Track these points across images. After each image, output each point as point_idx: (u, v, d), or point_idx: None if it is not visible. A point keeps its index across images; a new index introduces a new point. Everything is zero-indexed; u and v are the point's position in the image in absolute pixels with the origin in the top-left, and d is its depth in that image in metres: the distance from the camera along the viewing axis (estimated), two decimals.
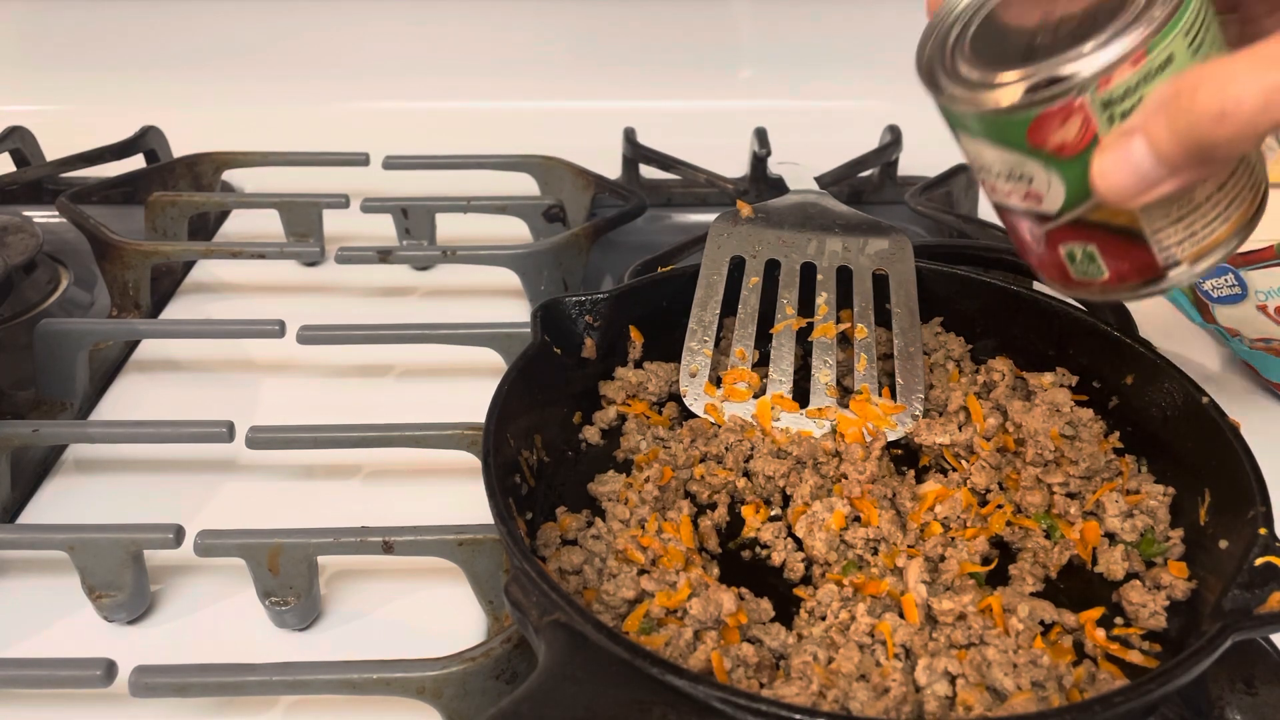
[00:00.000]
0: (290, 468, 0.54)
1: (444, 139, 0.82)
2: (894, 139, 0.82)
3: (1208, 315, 0.64)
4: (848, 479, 0.48)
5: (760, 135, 0.82)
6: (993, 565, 0.45)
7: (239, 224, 0.79)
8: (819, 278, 0.56)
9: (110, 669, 0.38)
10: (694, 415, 0.53)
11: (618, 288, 0.54)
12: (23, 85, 0.93)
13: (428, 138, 0.82)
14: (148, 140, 0.82)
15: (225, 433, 0.50)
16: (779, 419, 0.52)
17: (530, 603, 0.37)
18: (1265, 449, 0.44)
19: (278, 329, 0.57)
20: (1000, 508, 0.47)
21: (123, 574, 0.44)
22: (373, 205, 0.71)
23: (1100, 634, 0.41)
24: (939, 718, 0.37)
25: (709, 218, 0.59)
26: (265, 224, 0.74)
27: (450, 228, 0.74)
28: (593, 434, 0.53)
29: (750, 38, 0.95)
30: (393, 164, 0.78)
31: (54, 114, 0.89)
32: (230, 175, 0.82)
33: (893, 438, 0.51)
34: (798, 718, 0.32)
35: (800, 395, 0.53)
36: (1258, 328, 0.63)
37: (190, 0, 0.92)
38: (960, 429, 0.51)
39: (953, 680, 0.39)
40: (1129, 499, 0.47)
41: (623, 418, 0.53)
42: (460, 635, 0.44)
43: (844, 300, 0.56)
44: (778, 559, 0.46)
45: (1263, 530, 0.39)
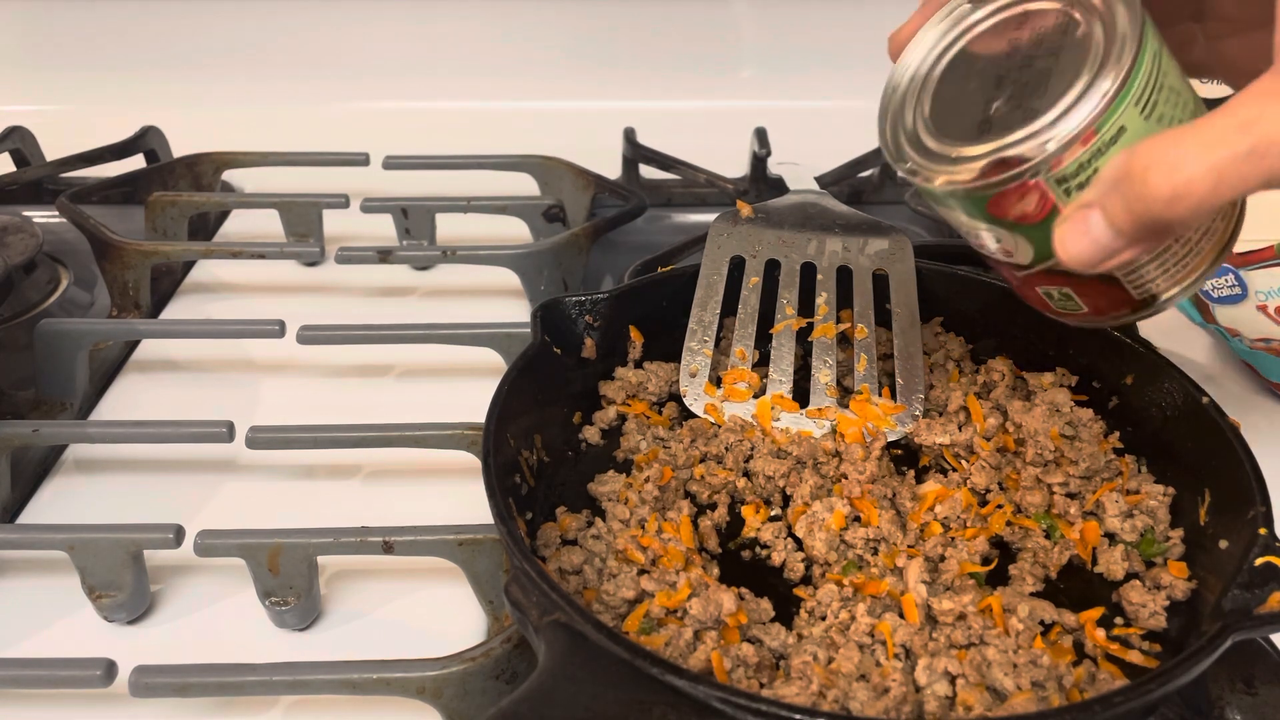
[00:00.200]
0: (290, 468, 0.54)
1: (444, 139, 0.82)
2: None
3: (1208, 315, 0.64)
4: (848, 479, 0.48)
5: (760, 135, 0.82)
6: (993, 565, 0.45)
7: (239, 224, 0.79)
8: (819, 278, 0.56)
9: (110, 669, 0.38)
10: (694, 415, 0.53)
11: (618, 288, 0.54)
12: (23, 85, 0.93)
13: (428, 138, 0.82)
14: (148, 140, 0.82)
15: (225, 433, 0.50)
16: (779, 419, 0.52)
17: (530, 603, 0.37)
18: (1265, 449, 0.44)
19: (278, 329, 0.57)
20: (1000, 508, 0.47)
21: (123, 574, 0.44)
22: (373, 205, 0.71)
23: (1100, 634, 0.41)
24: (939, 718, 0.37)
25: (709, 218, 0.59)
26: (265, 224, 0.74)
27: (450, 228, 0.74)
28: (593, 434, 0.53)
29: (750, 38, 0.95)
30: (393, 164, 0.78)
31: (54, 114, 0.90)
32: (230, 175, 0.82)
33: (893, 438, 0.51)
34: (798, 718, 0.32)
35: (800, 395, 0.53)
36: (1258, 328, 0.63)
37: (190, 0, 0.92)
38: (960, 429, 0.51)
39: (953, 680, 0.39)
40: (1129, 499, 0.47)
41: (623, 418, 0.53)
42: (460, 635, 0.44)
43: (844, 300, 0.56)
44: (778, 559, 0.46)
45: (1263, 530, 0.39)
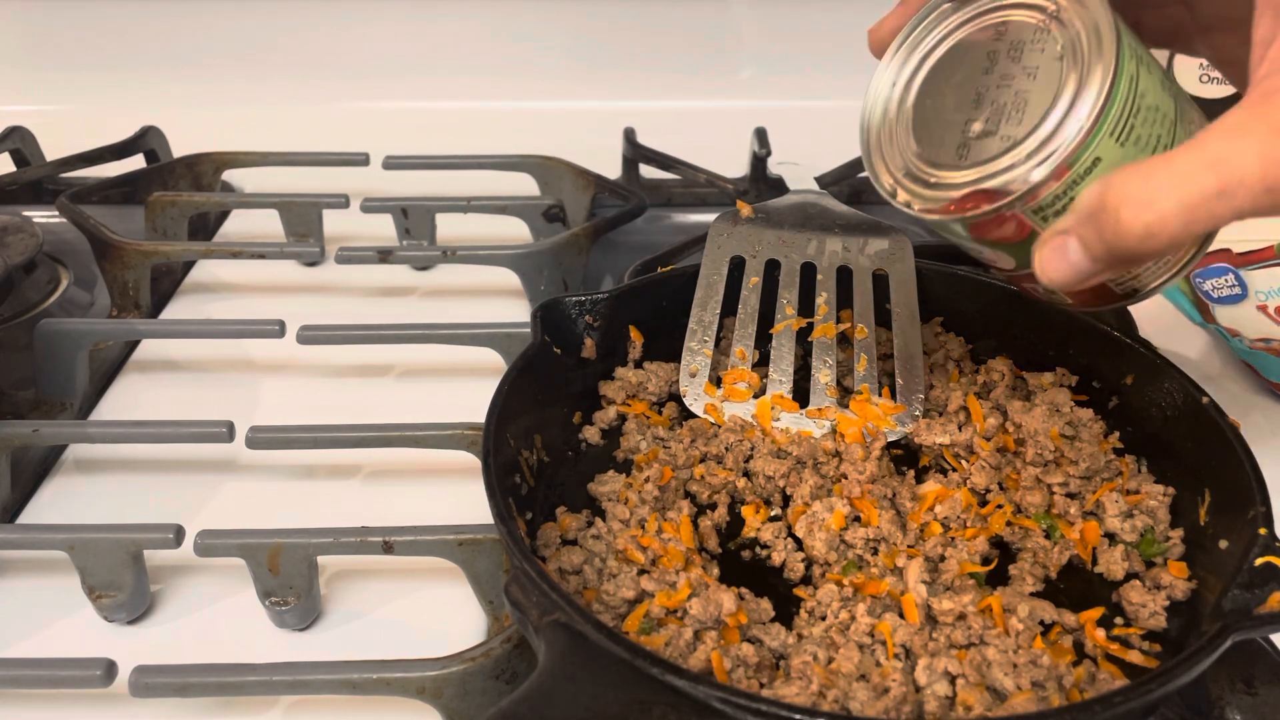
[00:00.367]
0: (290, 468, 0.54)
1: (444, 139, 0.82)
2: None
3: (1208, 315, 0.64)
4: (848, 479, 0.48)
5: (760, 135, 0.82)
6: (993, 565, 0.45)
7: (239, 224, 0.79)
8: (819, 278, 0.56)
9: (110, 669, 0.38)
10: (694, 415, 0.53)
11: (618, 288, 0.54)
12: (23, 85, 0.93)
13: (428, 138, 0.82)
14: (148, 140, 0.82)
15: (225, 433, 0.50)
16: (779, 419, 0.52)
17: (530, 603, 0.37)
18: (1265, 449, 0.44)
19: (278, 329, 0.57)
20: (1000, 508, 0.47)
21: (123, 574, 0.44)
22: (373, 205, 0.71)
23: (1100, 634, 0.41)
24: (939, 718, 0.37)
25: (709, 218, 0.59)
26: (265, 224, 0.74)
27: (450, 228, 0.74)
28: (593, 434, 0.53)
29: (750, 38, 0.95)
30: (393, 164, 0.78)
31: (54, 114, 0.90)
32: (230, 175, 0.82)
33: (893, 438, 0.51)
34: (798, 718, 0.32)
35: (800, 395, 0.53)
36: (1258, 328, 0.63)
37: (190, 0, 0.92)
38: (960, 429, 0.51)
39: (953, 680, 0.38)
40: (1129, 499, 0.47)
41: (623, 418, 0.53)
42: (460, 635, 0.44)
43: (844, 300, 0.56)
44: (778, 559, 0.46)
45: (1263, 530, 0.39)
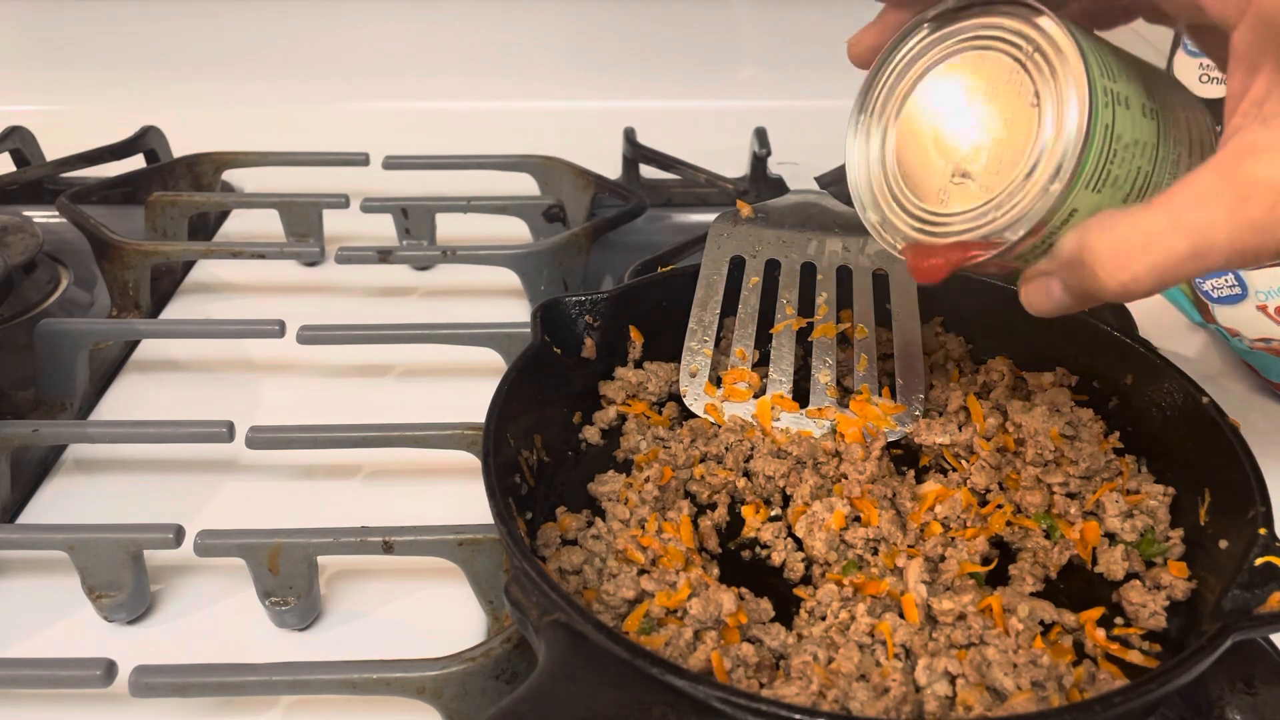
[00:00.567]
0: (290, 468, 0.54)
1: (444, 139, 0.82)
2: None
3: (1208, 315, 0.64)
4: (848, 479, 0.48)
5: (760, 135, 0.82)
6: (993, 565, 0.45)
7: (239, 224, 0.79)
8: (819, 278, 0.56)
9: (110, 669, 0.38)
10: (694, 415, 0.53)
11: (618, 288, 0.54)
12: (23, 85, 0.93)
13: (428, 138, 0.82)
14: (148, 140, 0.82)
15: (225, 433, 0.50)
16: (779, 419, 0.52)
17: (530, 603, 0.37)
18: (1265, 449, 0.44)
19: (278, 329, 0.57)
20: (1000, 508, 0.47)
21: (123, 574, 0.44)
22: (373, 205, 0.71)
23: (1100, 634, 0.41)
24: (939, 718, 0.37)
25: (709, 218, 0.59)
26: (265, 224, 0.74)
27: (450, 228, 0.74)
28: (593, 434, 0.53)
29: (750, 38, 0.95)
30: (393, 164, 0.78)
31: (54, 114, 0.89)
32: (230, 175, 0.82)
33: (893, 438, 0.51)
34: (798, 718, 0.32)
35: (800, 395, 0.53)
36: (1258, 328, 0.63)
37: (190, 0, 0.92)
38: (960, 429, 0.51)
39: (953, 680, 0.38)
40: (1129, 499, 0.47)
41: (623, 418, 0.53)
42: (460, 635, 0.44)
43: (844, 300, 0.56)
44: (778, 559, 0.46)
45: (1263, 530, 0.39)
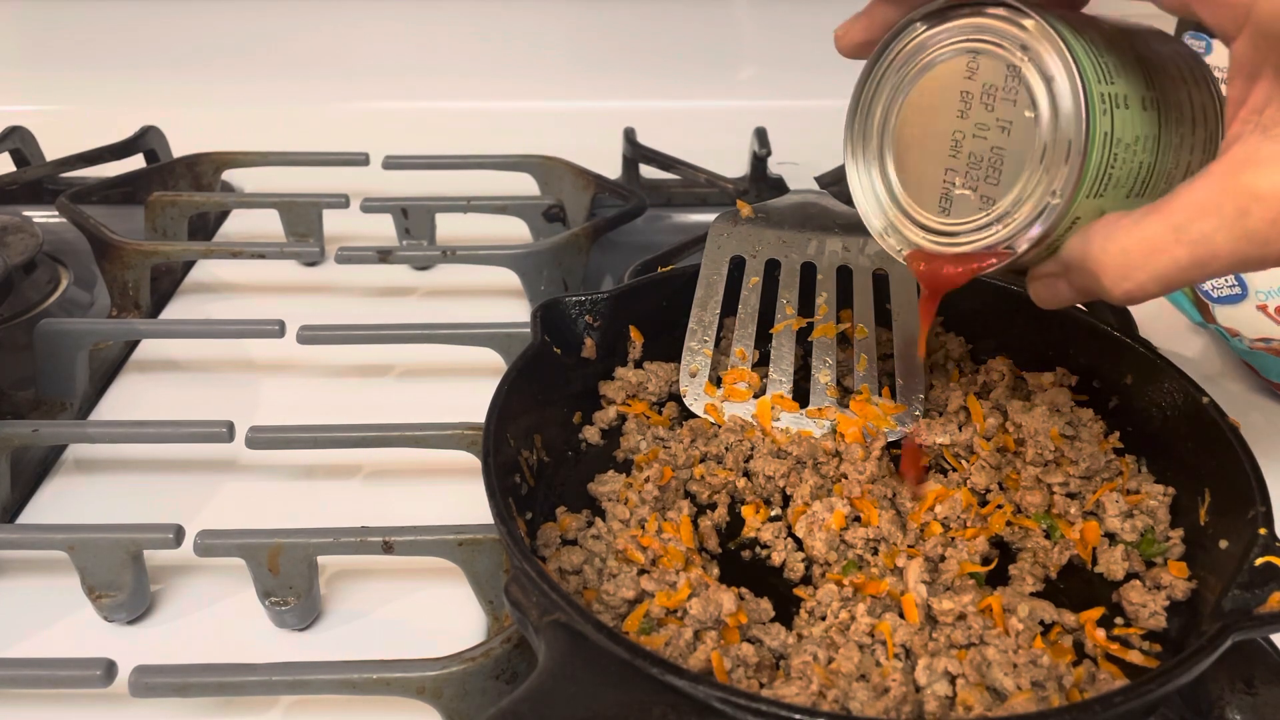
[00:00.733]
0: (290, 468, 0.54)
1: (444, 139, 0.82)
2: None
3: (1208, 315, 0.64)
4: (848, 479, 0.48)
5: (760, 135, 0.82)
6: (993, 565, 0.45)
7: (239, 224, 0.79)
8: (819, 277, 0.56)
9: (110, 669, 0.38)
10: (694, 415, 0.53)
11: (618, 288, 0.54)
12: (23, 85, 0.93)
13: (428, 138, 0.82)
14: (148, 140, 0.82)
15: (225, 433, 0.50)
16: (779, 419, 0.52)
17: (530, 603, 0.37)
18: (1265, 449, 0.44)
19: (278, 329, 0.57)
20: (1000, 508, 0.47)
21: (123, 574, 0.44)
22: (373, 205, 0.71)
23: (1100, 634, 0.41)
24: (939, 718, 0.37)
25: (709, 218, 0.59)
26: (265, 224, 0.74)
27: (450, 228, 0.74)
28: (593, 434, 0.53)
29: (750, 38, 0.95)
30: (393, 164, 0.78)
31: (54, 114, 0.89)
32: (230, 175, 0.82)
33: (893, 438, 0.51)
34: (798, 718, 0.32)
35: (800, 395, 0.53)
36: (1258, 328, 0.63)
37: (190, 0, 0.92)
38: (960, 429, 0.51)
39: (953, 680, 0.38)
40: (1129, 499, 0.47)
41: (623, 418, 0.53)
42: (460, 635, 0.44)
43: (844, 300, 0.56)
44: (778, 559, 0.46)
45: (1263, 530, 0.39)
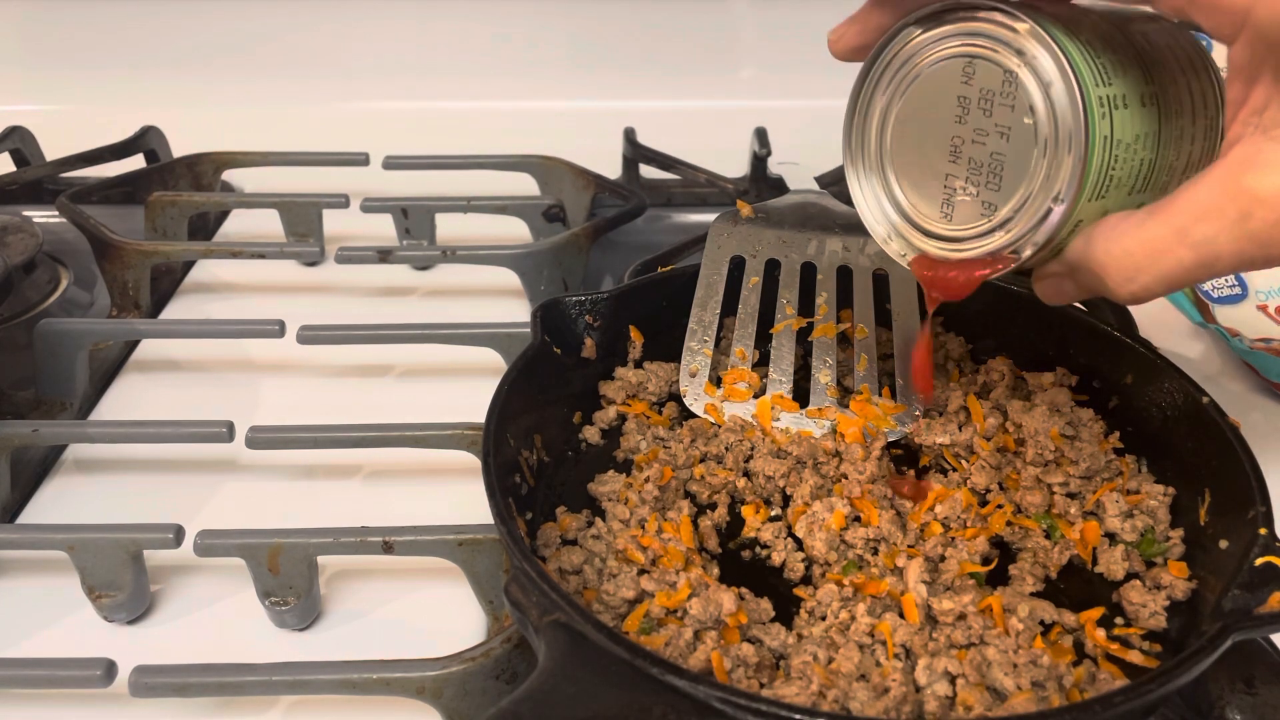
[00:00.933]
0: (290, 468, 0.54)
1: (444, 139, 0.82)
2: None
3: (1208, 315, 0.64)
4: (848, 479, 0.48)
5: (760, 135, 0.82)
6: (993, 565, 0.45)
7: (239, 224, 0.79)
8: (819, 277, 0.56)
9: (110, 669, 0.38)
10: (694, 415, 0.53)
11: (618, 288, 0.54)
12: (23, 85, 0.93)
13: (428, 138, 0.82)
14: (148, 140, 0.82)
15: (225, 433, 0.50)
16: (779, 419, 0.52)
17: (530, 603, 0.37)
18: (1265, 449, 0.44)
19: (278, 329, 0.57)
20: (1000, 508, 0.47)
21: (123, 574, 0.44)
22: (373, 205, 0.71)
23: (1100, 634, 0.41)
24: (939, 718, 0.37)
25: (709, 218, 0.59)
26: (265, 224, 0.74)
27: (450, 228, 0.74)
28: (593, 434, 0.53)
29: (750, 38, 0.95)
30: (393, 164, 0.78)
31: (54, 114, 0.89)
32: (230, 175, 0.82)
33: (893, 438, 0.51)
34: (798, 718, 0.32)
35: (800, 395, 0.53)
36: (1258, 328, 0.63)
37: (190, 0, 0.92)
38: (960, 429, 0.51)
39: (953, 680, 0.38)
40: (1129, 499, 0.47)
41: (623, 418, 0.53)
42: (460, 635, 0.44)
43: (844, 300, 0.56)
44: (778, 559, 0.46)
45: (1263, 530, 0.39)
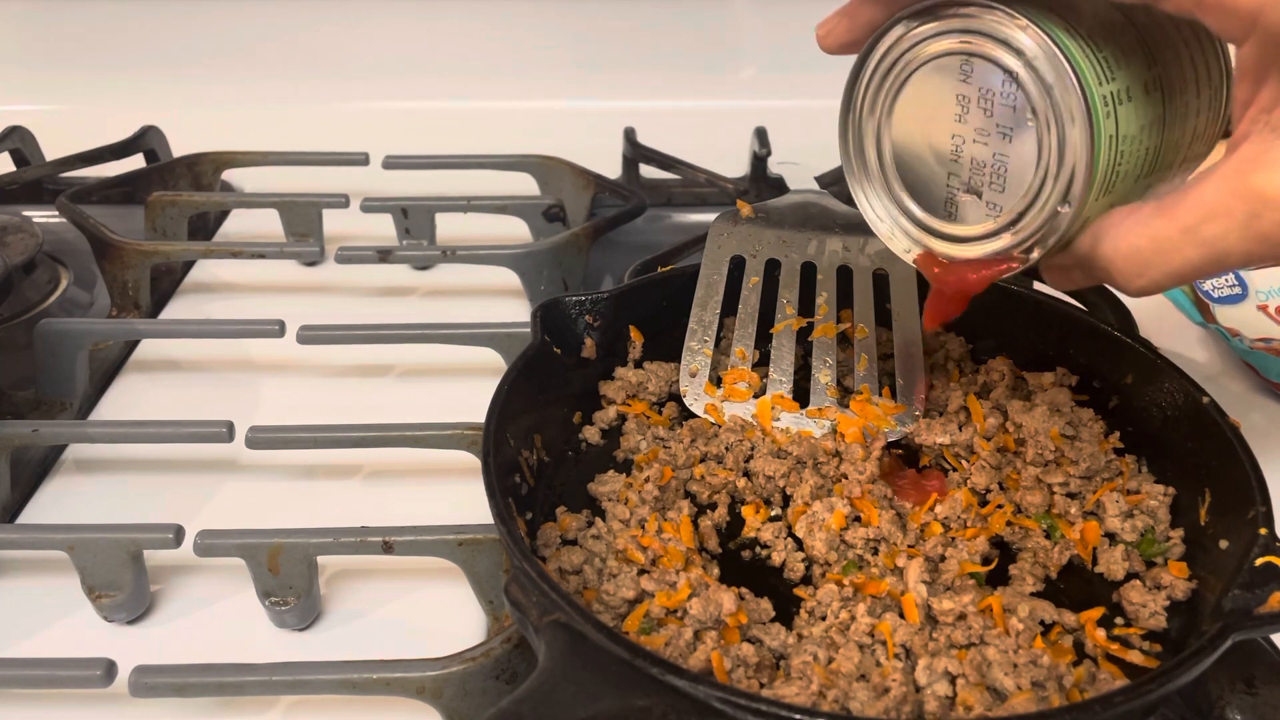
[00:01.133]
0: (290, 468, 0.54)
1: (444, 139, 0.82)
2: None
3: (1208, 315, 0.64)
4: (848, 479, 0.48)
5: (760, 135, 0.82)
6: (993, 565, 0.45)
7: (239, 224, 0.79)
8: (819, 277, 0.56)
9: (110, 669, 0.38)
10: (694, 415, 0.53)
11: (618, 288, 0.54)
12: (23, 85, 0.93)
13: (428, 138, 0.82)
14: (147, 140, 0.81)
15: (225, 433, 0.50)
16: (779, 419, 0.52)
17: (530, 603, 0.37)
18: (1265, 449, 0.44)
19: (278, 329, 0.57)
20: (1000, 508, 0.47)
21: (123, 574, 0.44)
22: (373, 205, 0.71)
23: (1100, 634, 0.41)
24: (939, 718, 0.37)
25: (709, 218, 0.59)
26: (265, 224, 0.74)
27: (450, 228, 0.74)
28: (593, 434, 0.53)
29: (750, 38, 0.95)
30: (393, 164, 0.78)
31: (54, 114, 0.89)
32: (230, 175, 0.82)
33: (893, 438, 0.51)
34: (798, 718, 0.32)
35: (800, 395, 0.53)
36: (1258, 327, 0.63)
37: (190, 0, 0.92)
38: (960, 429, 0.51)
39: (953, 680, 0.38)
40: (1129, 499, 0.47)
41: (623, 418, 0.53)
42: (460, 635, 0.44)
43: (844, 300, 0.56)
44: (778, 559, 0.46)
45: (1263, 530, 0.39)
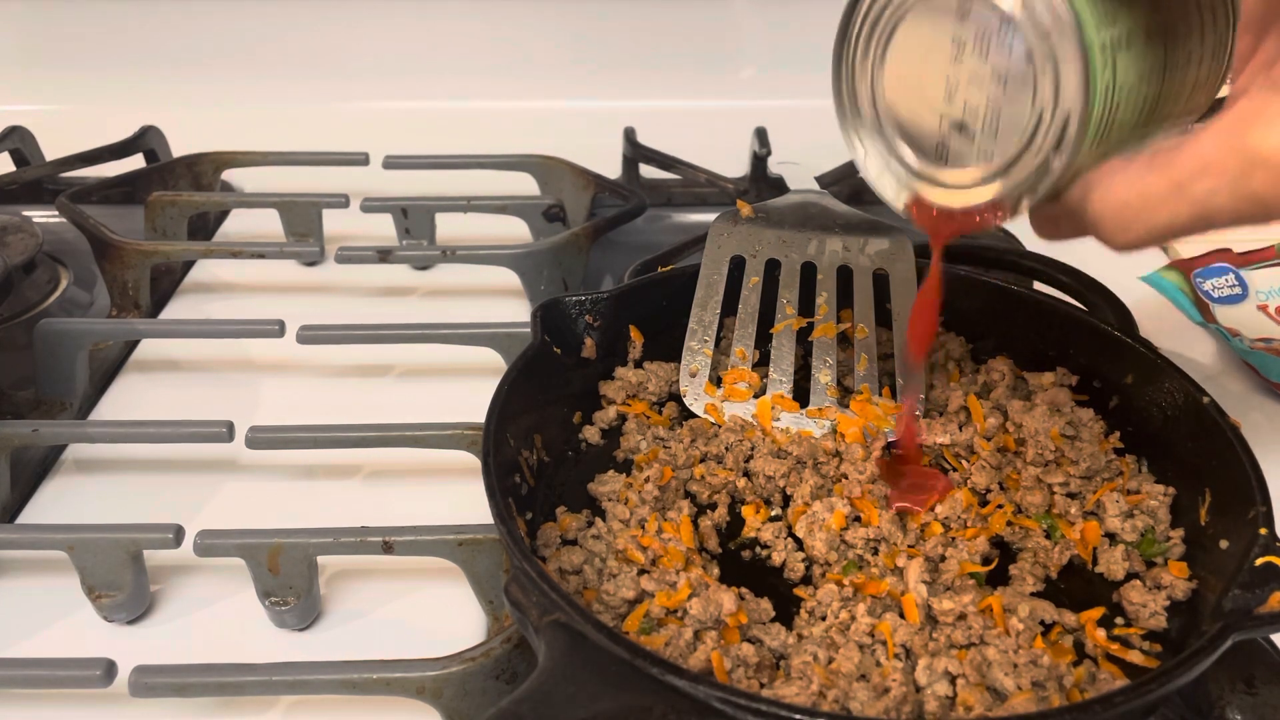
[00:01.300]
0: (290, 468, 0.54)
1: (444, 139, 0.82)
2: None
3: (1208, 315, 0.64)
4: (848, 479, 0.48)
5: (760, 135, 0.82)
6: (993, 565, 0.45)
7: (239, 224, 0.79)
8: (819, 277, 0.56)
9: (110, 669, 0.38)
10: (694, 415, 0.53)
11: (618, 288, 0.54)
12: (23, 85, 0.93)
13: (428, 138, 0.82)
14: (147, 140, 0.81)
15: (225, 433, 0.50)
16: (779, 419, 0.52)
17: (530, 603, 0.37)
18: (1265, 449, 0.44)
19: (278, 329, 0.57)
20: (1000, 508, 0.47)
21: (123, 574, 0.44)
22: (373, 205, 0.71)
23: (1100, 634, 0.41)
24: (939, 718, 0.37)
25: (709, 218, 0.59)
26: (265, 224, 0.74)
27: (450, 228, 0.74)
28: (593, 434, 0.53)
29: (750, 38, 0.95)
30: (393, 164, 0.78)
31: (54, 114, 0.89)
32: (230, 175, 0.82)
33: (893, 438, 0.51)
34: (798, 718, 0.32)
35: (800, 395, 0.53)
36: (1258, 328, 0.63)
37: (190, 0, 0.92)
38: (960, 429, 0.51)
39: (953, 680, 0.39)
40: (1129, 499, 0.47)
41: (623, 418, 0.53)
42: (460, 635, 0.44)
43: (844, 300, 0.56)
44: (778, 559, 0.46)
45: (1263, 530, 0.39)
